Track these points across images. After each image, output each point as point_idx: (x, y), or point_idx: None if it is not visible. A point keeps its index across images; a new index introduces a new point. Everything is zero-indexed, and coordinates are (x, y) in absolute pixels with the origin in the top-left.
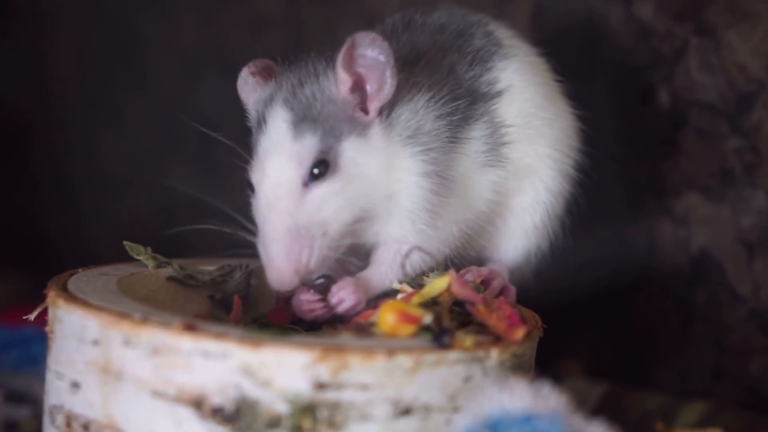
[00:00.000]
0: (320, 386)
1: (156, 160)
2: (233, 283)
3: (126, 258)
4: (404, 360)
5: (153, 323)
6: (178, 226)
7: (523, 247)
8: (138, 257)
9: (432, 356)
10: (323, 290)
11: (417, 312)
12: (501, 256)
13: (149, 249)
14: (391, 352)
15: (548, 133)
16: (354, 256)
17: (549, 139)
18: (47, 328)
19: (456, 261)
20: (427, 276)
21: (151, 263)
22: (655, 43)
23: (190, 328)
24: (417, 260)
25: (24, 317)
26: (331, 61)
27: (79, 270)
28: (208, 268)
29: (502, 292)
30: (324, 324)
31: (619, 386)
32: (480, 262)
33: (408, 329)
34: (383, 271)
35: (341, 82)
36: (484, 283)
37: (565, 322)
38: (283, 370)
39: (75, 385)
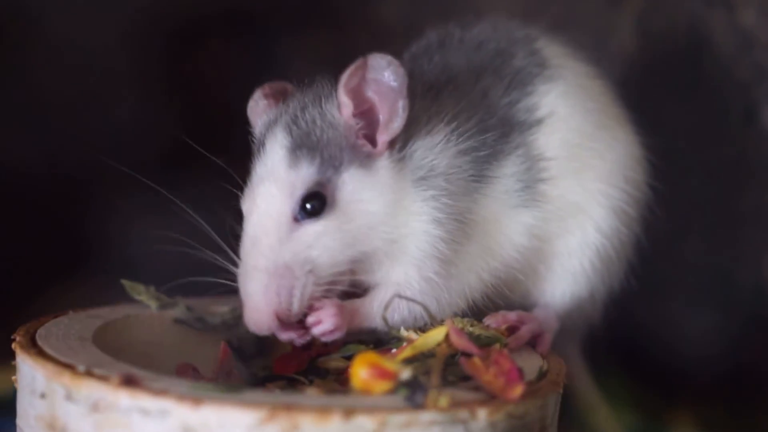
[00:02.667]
0: None
1: None
2: (246, 327)
3: None
4: (365, 421)
5: (92, 376)
6: None
7: (571, 293)
8: (138, 297)
9: (400, 417)
10: None
11: (392, 366)
12: (548, 301)
13: (152, 288)
14: (349, 411)
15: (599, 165)
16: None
17: (599, 172)
18: (13, 377)
19: (485, 306)
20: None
21: (153, 304)
22: (758, 54)
23: (128, 382)
24: (411, 310)
25: None
26: (336, 83)
27: (69, 311)
28: (221, 309)
29: (536, 339)
30: (330, 374)
31: None
32: (525, 307)
33: (383, 385)
34: (374, 307)
35: (343, 106)
36: (511, 330)
37: (672, 369)
38: (226, 431)
39: None
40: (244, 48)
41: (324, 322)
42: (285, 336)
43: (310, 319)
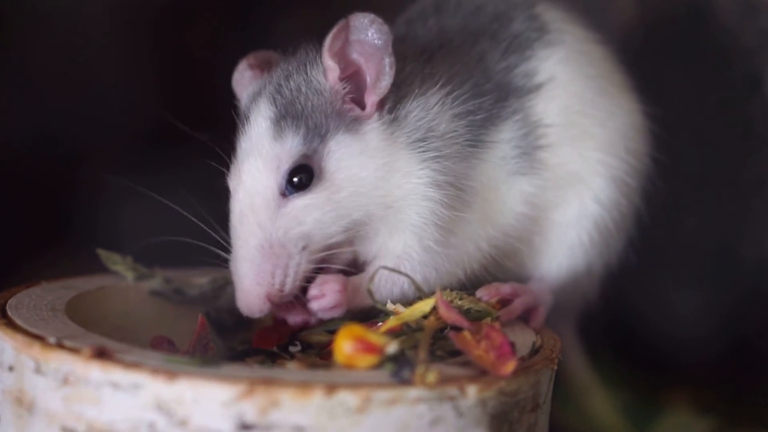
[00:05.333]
0: (245, 427)
1: None
2: (226, 298)
3: None
4: (348, 397)
5: (63, 348)
6: None
7: (568, 266)
8: (114, 268)
9: (385, 393)
10: None
11: (378, 340)
12: (543, 274)
13: (129, 259)
14: (331, 387)
15: (599, 134)
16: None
17: (600, 141)
18: None
19: (479, 277)
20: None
21: (130, 275)
22: (762, 20)
23: (99, 354)
24: (401, 283)
25: None
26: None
27: (42, 282)
28: (200, 280)
29: (530, 312)
30: (313, 348)
31: (727, 423)
32: (520, 280)
33: (368, 360)
34: (375, 282)
35: (328, 70)
36: (503, 303)
37: (669, 349)
38: (201, 407)
39: None
40: (235, 26)
41: (327, 296)
42: (291, 320)
43: (312, 292)
